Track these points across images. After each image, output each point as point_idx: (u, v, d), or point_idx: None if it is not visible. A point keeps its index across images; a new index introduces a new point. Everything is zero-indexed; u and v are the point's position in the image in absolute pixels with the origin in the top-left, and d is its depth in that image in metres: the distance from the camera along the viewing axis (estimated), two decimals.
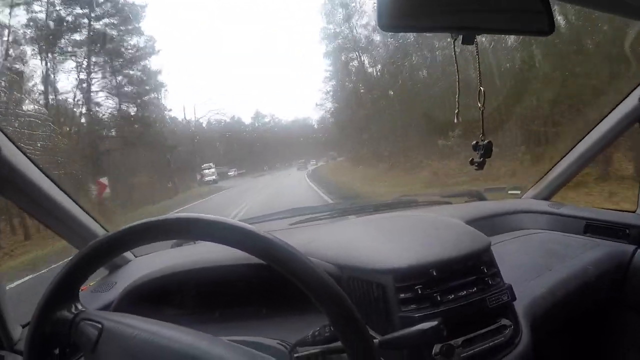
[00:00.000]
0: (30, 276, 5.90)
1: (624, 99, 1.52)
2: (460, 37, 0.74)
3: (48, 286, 0.67)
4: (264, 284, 1.18)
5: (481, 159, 0.89)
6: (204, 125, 33.96)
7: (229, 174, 30.37)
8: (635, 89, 1.47)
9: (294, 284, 0.61)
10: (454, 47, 0.76)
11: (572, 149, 1.77)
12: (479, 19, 0.72)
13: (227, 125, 38.11)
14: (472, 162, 0.91)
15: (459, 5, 0.69)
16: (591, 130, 1.68)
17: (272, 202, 12.13)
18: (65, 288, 0.68)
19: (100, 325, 0.65)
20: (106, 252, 0.70)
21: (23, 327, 1.16)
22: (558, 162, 1.84)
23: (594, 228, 1.62)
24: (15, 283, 5.41)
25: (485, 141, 0.88)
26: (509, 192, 2.10)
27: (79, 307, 0.69)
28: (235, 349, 0.65)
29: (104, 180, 13.01)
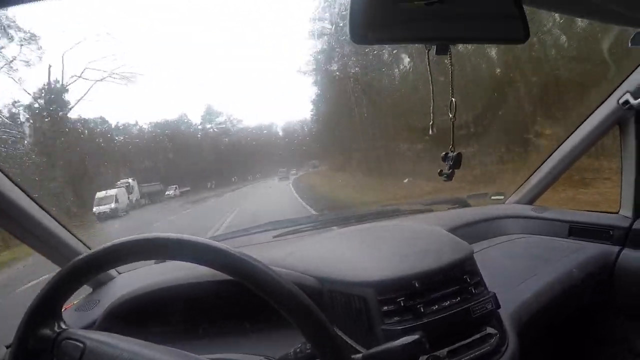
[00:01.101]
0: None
1: (603, 102, 1.54)
2: (434, 47, 0.74)
3: (30, 304, 0.67)
4: (247, 299, 1.17)
5: (450, 170, 0.89)
6: (142, 126, 27.23)
7: (168, 193, 21.59)
8: (614, 91, 1.48)
9: None
10: (428, 58, 0.76)
11: (553, 152, 1.78)
12: (452, 29, 0.72)
13: (168, 126, 29.22)
14: (440, 173, 0.90)
15: (431, 16, 0.68)
16: (572, 133, 1.69)
17: None
18: (47, 306, 0.68)
19: (82, 345, 0.64)
20: (87, 271, 0.69)
21: (7, 347, 1.13)
22: (540, 166, 1.85)
23: (577, 231, 1.62)
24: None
25: (455, 152, 0.87)
26: (492, 197, 2.11)
27: (62, 325, 0.68)
28: None
29: None
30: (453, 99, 0.85)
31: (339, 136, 22.05)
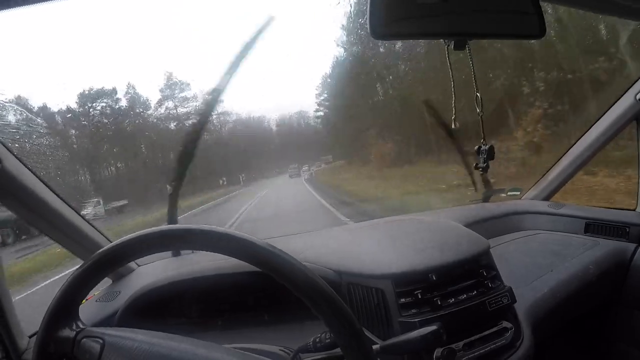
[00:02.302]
0: (39, 286, 5.89)
1: (620, 97, 1.53)
2: (452, 43, 0.75)
3: (49, 305, 0.68)
4: (265, 291, 1.19)
5: (485, 163, 0.90)
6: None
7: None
8: (631, 87, 1.47)
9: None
10: (447, 53, 0.77)
11: (570, 148, 1.77)
12: (470, 24, 0.72)
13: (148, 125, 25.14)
14: (476, 167, 0.91)
15: (449, 12, 0.70)
16: (589, 129, 1.68)
17: None
18: (66, 307, 0.69)
19: (101, 341, 0.66)
20: (110, 263, 0.70)
21: (30, 337, 1.16)
22: (557, 162, 1.84)
23: (594, 227, 1.61)
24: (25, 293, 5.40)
25: (487, 145, 0.88)
26: (509, 193, 2.09)
27: (80, 325, 0.70)
28: (233, 354, 0.66)
29: None
30: (478, 94, 0.86)
31: (355, 129, 21.51)
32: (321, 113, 30.08)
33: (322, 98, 29.19)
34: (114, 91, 23.52)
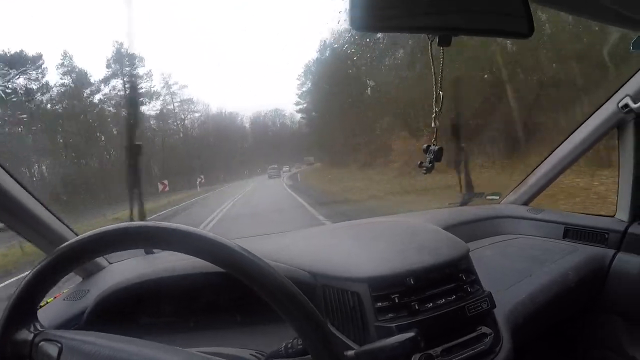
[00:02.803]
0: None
1: (603, 104, 1.54)
2: (437, 38, 0.73)
3: (6, 307, 0.65)
4: (240, 291, 1.15)
5: (430, 163, 0.89)
6: None
7: None
8: (614, 94, 1.48)
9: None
10: (431, 48, 0.75)
11: (551, 153, 1.78)
12: (456, 20, 0.70)
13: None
14: (420, 165, 0.90)
15: (435, 6, 0.67)
16: (570, 135, 1.69)
17: None
18: (24, 308, 0.66)
19: (60, 345, 0.63)
20: (72, 260, 0.67)
21: None
22: (537, 167, 1.85)
23: (573, 233, 1.62)
24: None
25: (437, 147, 0.87)
26: (488, 197, 2.11)
27: (38, 327, 0.67)
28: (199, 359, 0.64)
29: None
30: (440, 92, 0.85)
31: (337, 130, 21.12)
32: (302, 106, 28.96)
33: (304, 89, 28.15)
34: (38, 59, 19.01)
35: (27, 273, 0.66)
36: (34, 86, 19.37)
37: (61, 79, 21.50)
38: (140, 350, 0.63)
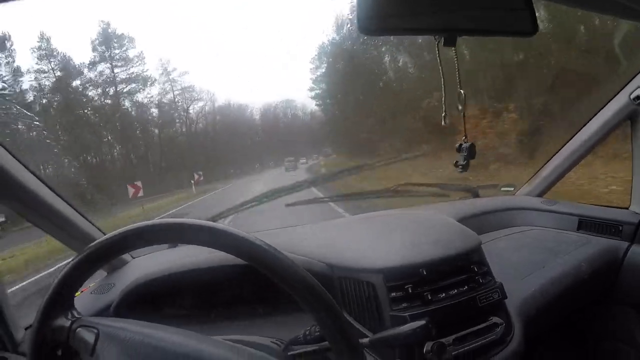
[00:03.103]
0: (32, 278, 5.90)
1: (615, 96, 1.53)
2: (442, 39, 0.75)
3: (45, 295, 0.69)
4: (259, 284, 1.20)
5: (465, 161, 0.90)
6: None
7: None
8: (625, 85, 1.48)
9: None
10: (437, 49, 0.77)
11: (564, 145, 1.77)
12: (460, 20, 0.73)
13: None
14: (456, 164, 0.92)
15: (439, 7, 0.70)
16: (583, 127, 1.68)
17: None
18: (62, 297, 0.70)
19: (96, 331, 0.67)
20: (102, 256, 0.71)
21: (26, 329, 1.17)
22: (551, 158, 1.84)
23: (587, 225, 1.62)
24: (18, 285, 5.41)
25: (468, 143, 0.89)
26: (502, 189, 2.10)
27: (75, 314, 0.71)
28: (223, 346, 0.67)
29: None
30: (462, 91, 0.87)
31: (354, 122, 20.12)
32: (318, 92, 26.88)
33: (318, 73, 26.11)
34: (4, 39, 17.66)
35: (65, 263, 0.71)
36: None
37: (37, 64, 20.03)
38: (170, 337, 0.66)
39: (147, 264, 1.49)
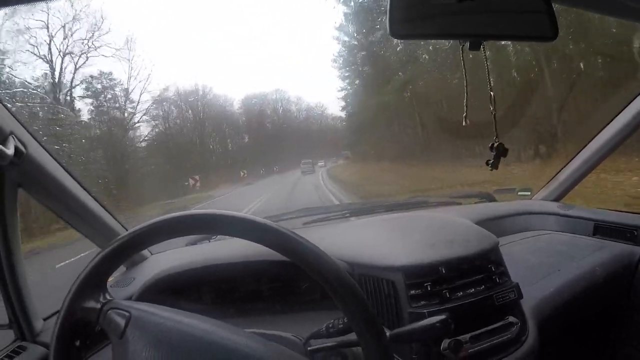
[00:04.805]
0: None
1: (634, 99, 1.53)
2: (467, 43, 0.77)
3: (77, 278, 0.71)
4: (276, 280, 1.22)
5: (495, 159, 0.93)
6: None
7: None
8: None
9: (306, 281, 0.66)
10: (462, 53, 0.80)
11: (582, 149, 1.77)
12: (484, 25, 0.75)
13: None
14: (487, 163, 0.94)
15: (465, 13, 0.72)
16: (601, 131, 1.68)
17: None
18: (94, 279, 0.72)
19: (128, 314, 0.69)
20: (132, 247, 0.73)
21: (45, 319, 1.20)
22: (568, 163, 1.84)
23: (603, 230, 1.62)
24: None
25: (497, 142, 0.91)
26: (519, 193, 2.10)
27: (107, 296, 0.73)
28: (252, 338, 0.69)
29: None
30: (492, 93, 0.89)
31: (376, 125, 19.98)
32: (347, 84, 26.15)
33: (345, 75, 25.34)
34: None
35: (94, 250, 0.73)
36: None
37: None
38: (199, 324, 0.68)
39: (166, 259, 1.53)
